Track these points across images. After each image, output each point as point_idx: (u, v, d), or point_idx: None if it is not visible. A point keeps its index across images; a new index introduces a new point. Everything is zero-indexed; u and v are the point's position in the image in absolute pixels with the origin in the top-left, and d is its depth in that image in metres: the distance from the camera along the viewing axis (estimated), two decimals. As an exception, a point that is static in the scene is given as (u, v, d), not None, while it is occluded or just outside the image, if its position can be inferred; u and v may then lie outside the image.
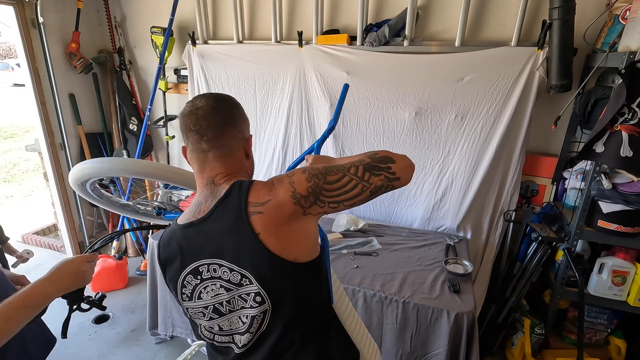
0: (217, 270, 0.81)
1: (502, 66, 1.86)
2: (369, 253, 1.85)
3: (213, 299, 0.83)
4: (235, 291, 0.81)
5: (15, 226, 3.49)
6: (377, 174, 0.79)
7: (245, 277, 0.79)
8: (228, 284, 0.81)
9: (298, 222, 0.77)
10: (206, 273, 0.82)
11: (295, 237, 0.79)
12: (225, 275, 0.80)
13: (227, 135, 0.85)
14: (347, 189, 0.77)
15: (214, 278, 0.82)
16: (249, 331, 0.84)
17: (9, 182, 5.44)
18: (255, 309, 0.81)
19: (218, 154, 0.85)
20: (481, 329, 1.96)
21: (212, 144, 0.84)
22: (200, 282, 0.83)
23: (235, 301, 0.82)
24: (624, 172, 1.60)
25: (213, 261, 0.81)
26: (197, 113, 0.84)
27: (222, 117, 0.85)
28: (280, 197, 0.77)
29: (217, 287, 0.82)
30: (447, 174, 2.11)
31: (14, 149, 7.06)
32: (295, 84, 2.26)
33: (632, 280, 1.69)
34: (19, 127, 8.47)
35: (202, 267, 0.82)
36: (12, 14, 2.38)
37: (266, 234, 0.76)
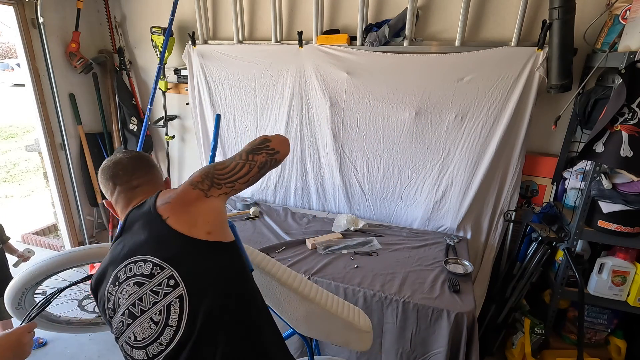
0: (132, 268, 0.84)
1: (502, 66, 1.86)
2: (369, 253, 1.85)
3: (128, 300, 0.83)
4: (147, 285, 0.82)
5: (15, 226, 3.49)
6: (258, 152, 0.95)
7: (156, 265, 0.83)
8: (141, 278, 0.83)
9: (202, 203, 0.88)
10: (123, 276, 0.84)
11: (204, 214, 0.88)
12: (139, 269, 0.83)
13: (152, 172, 1.02)
14: (236, 169, 0.92)
15: (129, 278, 0.84)
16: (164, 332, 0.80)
17: (9, 182, 5.44)
18: (169, 296, 0.81)
19: (147, 188, 0.98)
20: (481, 329, 1.96)
21: (143, 179, 0.98)
22: (118, 288, 0.84)
23: (147, 297, 0.81)
24: (624, 172, 1.60)
25: (129, 260, 0.85)
26: (122, 162, 0.99)
27: (144, 160, 1.03)
28: (181, 188, 0.91)
29: (130, 287, 0.83)
30: (447, 174, 2.11)
31: (14, 149, 7.06)
32: (295, 84, 2.26)
33: (632, 280, 1.69)
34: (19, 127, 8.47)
35: (120, 272, 0.85)
36: (12, 14, 2.38)
37: (174, 217, 0.86)
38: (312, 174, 2.43)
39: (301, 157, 2.41)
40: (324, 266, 1.73)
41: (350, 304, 1.15)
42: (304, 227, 2.16)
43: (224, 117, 2.53)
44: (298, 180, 2.47)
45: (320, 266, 1.72)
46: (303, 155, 2.40)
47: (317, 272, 1.68)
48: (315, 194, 2.47)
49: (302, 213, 2.35)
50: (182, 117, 2.86)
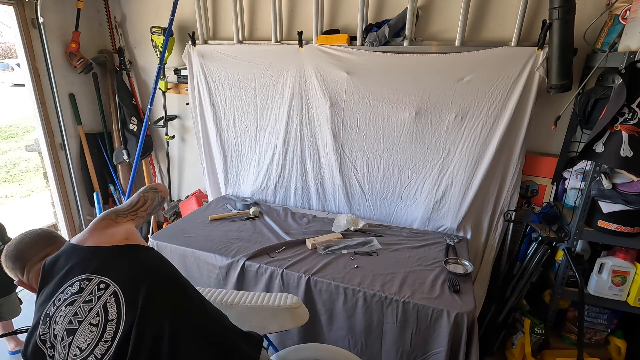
0: (61, 298, 0.88)
1: (502, 66, 1.86)
2: (369, 253, 1.85)
3: (63, 324, 0.85)
4: (79, 299, 0.87)
5: (16, 226, 3.49)
6: (148, 191, 1.23)
7: (83, 280, 0.89)
8: (71, 297, 0.87)
9: (114, 226, 1.04)
10: (52, 310, 0.87)
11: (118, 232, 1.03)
12: (67, 294, 0.88)
13: (57, 241, 1.08)
14: (134, 203, 1.16)
15: (59, 306, 0.87)
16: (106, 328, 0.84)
17: (9, 182, 5.44)
18: (103, 297, 0.87)
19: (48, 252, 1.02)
20: (481, 329, 1.96)
21: (50, 250, 1.02)
22: (50, 322, 0.86)
23: (82, 309, 0.86)
24: (624, 172, 1.60)
25: (55, 296, 0.89)
26: (24, 241, 1.04)
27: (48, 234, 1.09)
28: (90, 224, 1.05)
29: (63, 311, 0.86)
30: (447, 174, 2.11)
31: (14, 149, 7.06)
32: (295, 84, 2.26)
33: (632, 280, 1.69)
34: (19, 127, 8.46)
35: (48, 308, 0.88)
36: (12, 14, 2.38)
37: (92, 240, 0.98)
38: (312, 174, 2.43)
39: (301, 157, 2.41)
40: (324, 266, 1.73)
41: (277, 294, 1.29)
42: (304, 227, 2.16)
43: (224, 117, 2.53)
44: (298, 180, 2.47)
45: (320, 266, 1.72)
46: (303, 155, 2.40)
47: (317, 272, 1.68)
48: (315, 194, 2.47)
49: (302, 213, 2.35)
50: (182, 117, 2.86)
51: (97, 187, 2.98)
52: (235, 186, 2.69)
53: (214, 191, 2.77)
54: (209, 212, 2.32)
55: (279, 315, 1.23)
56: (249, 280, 1.78)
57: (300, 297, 1.67)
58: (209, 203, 2.52)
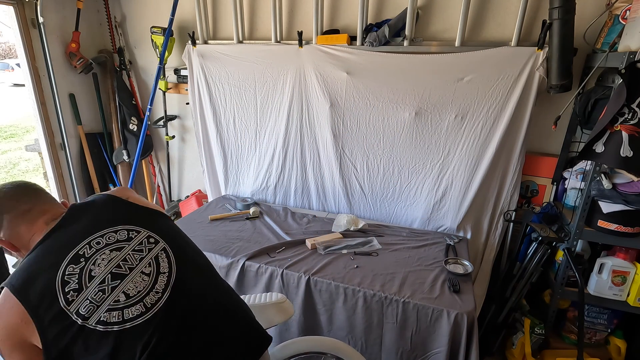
0: (101, 241, 0.89)
1: (502, 66, 1.86)
2: (369, 253, 1.85)
3: (107, 267, 0.86)
4: (127, 247, 0.90)
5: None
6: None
7: (131, 230, 0.93)
8: (118, 244, 0.90)
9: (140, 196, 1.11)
10: (89, 251, 0.87)
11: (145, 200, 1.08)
12: (111, 239, 0.90)
13: (42, 195, 1.00)
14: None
15: (100, 249, 0.88)
16: (157, 280, 0.87)
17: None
18: (154, 250, 0.92)
19: (40, 207, 0.96)
20: (481, 329, 1.96)
21: (33, 203, 0.96)
22: (85, 263, 0.85)
23: (132, 256, 0.89)
24: (624, 172, 1.60)
25: (93, 237, 0.89)
26: (4, 190, 0.96)
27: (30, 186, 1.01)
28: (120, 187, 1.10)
29: (107, 254, 0.87)
30: (447, 174, 2.11)
31: (14, 149, 7.05)
32: (295, 84, 2.26)
33: (632, 280, 1.69)
34: (19, 127, 8.46)
35: (82, 249, 0.87)
36: (12, 14, 2.38)
37: (133, 198, 1.03)
38: (312, 174, 2.43)
39: (301, 157, 2.41)
40: (324, 266, 1.73)
41: (264, 293, 1.34)
42: (304, 227, 2.16)
43: (224, 117, 2.53)
44: (298, 180, 2.47)
45: (320, 266, 1.72)
46: (303, 155, 2.40)
47: (317, 272, 1.68)
48: (315, 194, 2.47)
49: (302, 213, 2.35)
50: (182, 117, 2.86)
51: (97, 187, 2.98)
52: (235, 186, 2.69)
53: (214, 191, 2.77)
54: (209, 212, 2.32)
55: (266, 312, 1.28)
56: (248, 280, 1.78)
57: (300, 297, 1.67)
58: (209, 203, 2.52)
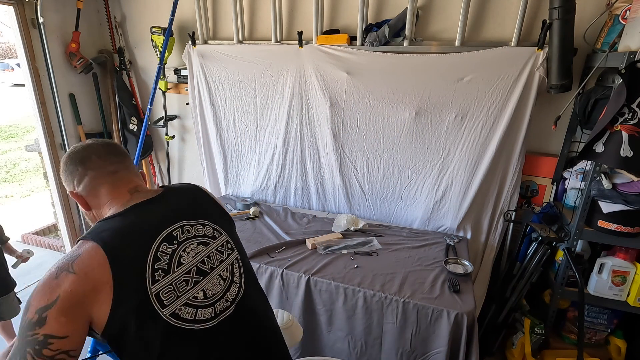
0: (190, 230, 0.88)
1: (502, 66, 1.86)
2: (369, 253, 1.85)
3: (194, 258, 0.85)
4: (212, 244, 0.90)
5: (15, 226, 3.49)
6: None
7: (215, 230, 0.93)
8: (205, 239, 0.90)
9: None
10: (181, 235, 0.86)
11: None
12: (199, 231, 0.89)
13: (127, 160, 0.97)
14: None
15: (190, 238, 0.87)
16: (230, 288, 0.88)
17: (9, 182, 5.44)
18: (231, 256, 0.93)
19: (125, 173, 0.93)
20: (481, 329, 1.96)
21: (118, 166, 0.92)
22: (177, 246, 0.84)
23: (214, 256, 0.89)
24: (624, 172, 1.60)
25: (185, 222, 0.88)
26: (94, 146, 0.93)
27: (119, 149, 0.98)
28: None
29: (195, 246, 0.87)
30: (447, 174, 2.11)
31: (14, 149, 7.06)
32: (295, 84, 2.26)
33: (632, 280, 1.69)
34: (19, 127, 8.47)
35: (176, 231, 0.86)
36: (12, 14, 2.38)
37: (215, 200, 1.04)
38: (312, 174, 2.43)
39: (301, 157, 2.41)
40: (324, 266, 1.73)
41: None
42: (304, 227, 2.16)
43: (224, 117, 2.53)
44: (298, 180, 2.47)
45: (320, 266, 1.72)
46: (303, 155, 2.40)
47: (317, 272, 1.68)
48: (315, 194, 2.47)
49: (302, 213, 2.35)
50: (182, 117, 2.86)
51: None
52: (235, 186, 2.69)
53: (214, 191, 2.77)
54: (209, 212, 2.32)
55: None
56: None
57: (300, 297, 1.67)
58: (209, 203, 2.52)
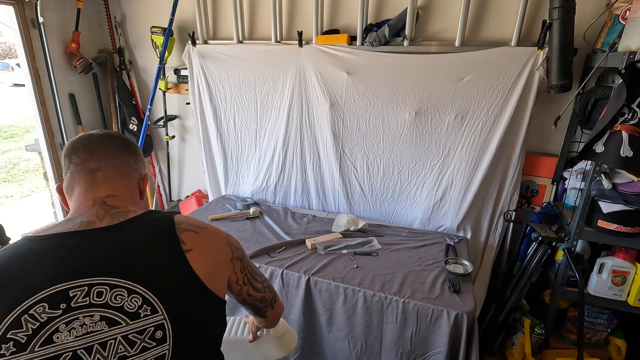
0: (104, 294, 0.61)
1: (502, 66, 1.86)
2: (369, 253, 1.85)
3: (77, 341, 0.58)
4: (124, 326, 0.60)
5: (15, 226, 3.49)
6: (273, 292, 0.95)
7: (148, 303, 0.62)
8: (116, 315, 0.60)
9: (224, 263, 0.76)
10: (81, 299, 0.60)
11: (221, 273, 0.75)
12: (116, 301, 0.61)
13: (121, 158, 0.80)
14: (258, 274, 0.89)
15: (94, 306, 0.60)
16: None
17: (9, 182, 5.44)
18: (149, 352, 0.61)
19: (108, 174, 0.76)
20: (481, 329, 1.96)
21: (103, 163, 0.76)
22: (61, 315, 0.58)
23: (113, 346, 0.60)
24: (624, 172, 1.60)
25: (104, 280, 0.61)
26: (89, 137, 0.80)
27: (119, 142, 0.82)
28: (215, 229, 0.77)
29: (93, 322, 0.59)
30: (447, 174, 2.11)
31: (14, 149, 7.06)
32: (295, 84, 2.26)
33: (632, 280, 1.69)
34: (19, 127, 8.47)
35: (76, 290, 0.60)
36: (12, 14, 2.38)
37: (198, 253, 0.68)
38: (312, 174, 2.43)
39: (301, 157, 2.41)
40: (324, 266, 1.73)
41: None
42: (304, 227, 2.16)
43: (224, 117, 2.53)
44: (298, 180, 2.47)
45: (320, 266, 1.72)
46: (303, 155, 2.40)
47: (317, 272, 1.68)
48: (315, 194, 2.47)
49: (302, 213, 2.35)
50: (182, 117, 2.86)
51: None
52: (235, 186, 2.69)
53: (214, 191, 2.77)
54: (209, 212, 2.32)
55: (262, 346, 1.07)
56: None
57: (300, 297, 1.67)
58: (209, 203, 2.52)
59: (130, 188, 0.80)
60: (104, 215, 0.71)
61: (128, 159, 0.82)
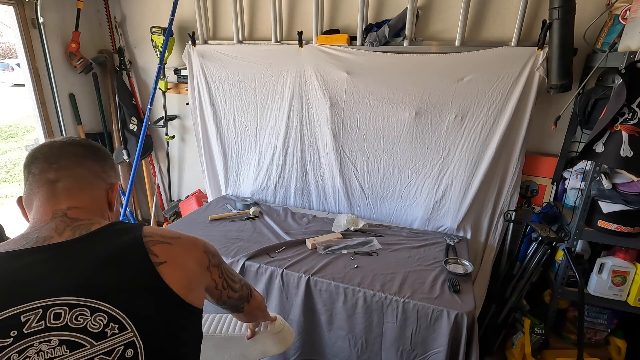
0: (63, 315, 0.55)
1: (502, 66, 1.86)
2: (369, 253, 1.85)
3: None
4: (88, 348, 0.55)
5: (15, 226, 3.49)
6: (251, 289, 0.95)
7: (115, 320, 0.57)
8: (78, 337, 0.55)
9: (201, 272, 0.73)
10: (35, 323, 0.54)
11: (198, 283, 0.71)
12: (77, 321, 0.55)
13: (84, 167, 0.73)
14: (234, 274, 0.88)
15: (51, 330, 0.54)
16: None
17: (9, 182, 5.44)
18: None
19: (69, 185, 0.70)
20: (481, 329, 1.96)
21: (63, 172, 0.70)
22: (12, 343, 0.52)
23: None
24: (624, 172, 1.60)
25: (62, 300, 0.56)
26: (51, 144, 0.72)
27: (84, 149, 0.74)
28: (191, 238, 0.73)
29: (50, 347, 0.54)
30: (447, 174, 2.11)
31: (14, 149, 7.05)
32: (295, 84, 2.26)
33: (632, 280, 1.69)
34: (19, 127, 8.46)
35: (30, 313, 0.54)
36: (12, 14, 2.38)
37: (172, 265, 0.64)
38: (312, 174, 2.43)
39: (301, 157, 2.41)
40: (324, 266, 1.73)
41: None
42: (304, 227, 2.16)
43: (224, 117, 2.53)
44: (298, 180, 2.47)
45: (320, 266, 1.72)
46: (303, 155, 2.40)
47: (317, 272, 1.68)
48: (315, 194, 2.47)
49: (302, 213, 2.35)
50: (182, 117, 2.86)
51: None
52: (235, 186, 2.69)
53: (214, 191, 2.77)
54: (209, 212, 2.32)
55: (260, 342, 1.09)
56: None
57: (300, 297, 1.67)
58: (209, 203, 2.52)
59: (95, 199, 0.73)
60: (64, 228, 0.65)
61: (93, 167, 0.75)
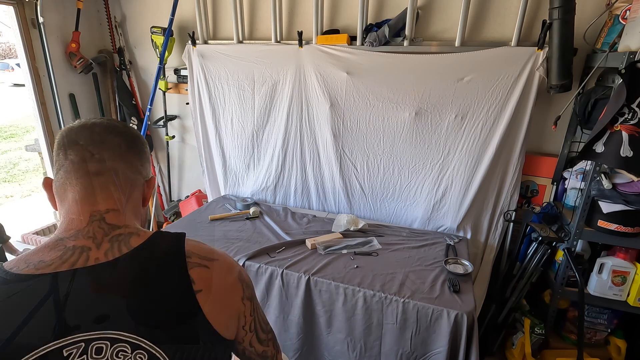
0: (104, 350, 0.51)
1: (502, 66, 1.86)
2: (369, 253, 1.85)
3: None
4: None
5: (15, 226, 3.49)
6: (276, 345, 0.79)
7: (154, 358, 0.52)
8: None
9: (236, 304, 0.65)
10: (78, 358, 0.50)
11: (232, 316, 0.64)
12: (118, 358, 0.51)
13: (125, 161, 0.66)
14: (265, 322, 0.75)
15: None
16: None
17: (9, 182, 5.44)
18: None
19: (109, 181, 0.63)
20: (481, 329, 1.96)
21: (104, 165, 0.63)
22: None
23: None
24: (624, 172, 1.60)
25: (103, 334, 0.51)
26: (91, 128, 0.64)
27: (125, 140, 0.67)
28: (227, 260, 0.65)
29: None
30: (447, 174, 2.11)
31: (14, 149, 7.06)
32: (295, 84, 2.26)
33: (632, 280, 1.69)
34: (19, 127, 8.47)
35: (72, 347, 0.50)
36: (12, 14, 2.38)
37: (209, 295, 0.58)
38: (312, 174, 2.43)
39: (301, 157, 2.41)
40: (324, 266, 1.72)
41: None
42: (304, 227, 2.16)
43: (223, 117, 2.53)
44: (298, 180, 2.47)
45: (320, 266, 1.72)
46: (303, 155, 2.40)
47: (317, 272, 1.68)
48: (315, 194, 2.47)
49: (302, 213, 2.35)
50: (182, 117, 2.86)
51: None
52: (235, 186, 2.69)
53: (213, 191, 2.77)
54: (209, 212, 2.32)
55: None
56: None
57: (300, 297, 1.67)
58: (209, 203, 2.52)
59: (133, 198, 0.68)
60: (102, 238, 0.60)
61: (133, 162, 0.68)
